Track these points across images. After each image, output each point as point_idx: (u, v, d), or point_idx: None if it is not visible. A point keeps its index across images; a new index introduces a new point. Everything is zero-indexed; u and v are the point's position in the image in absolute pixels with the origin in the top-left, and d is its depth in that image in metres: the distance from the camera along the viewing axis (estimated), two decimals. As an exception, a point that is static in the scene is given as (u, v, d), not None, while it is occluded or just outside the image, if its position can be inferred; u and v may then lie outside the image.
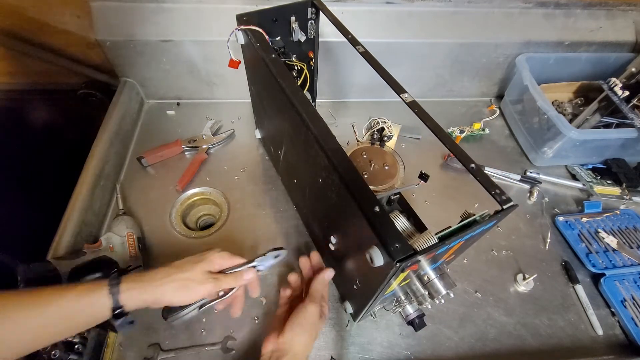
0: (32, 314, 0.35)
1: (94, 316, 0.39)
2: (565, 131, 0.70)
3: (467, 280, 0.64)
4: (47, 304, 0.36)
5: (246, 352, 0.55)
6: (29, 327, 0.35)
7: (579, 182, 0.78)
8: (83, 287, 0.38)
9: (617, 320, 0.61)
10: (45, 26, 0.79)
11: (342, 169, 0.39)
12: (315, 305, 0.50)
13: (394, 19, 0.79)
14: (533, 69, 0.81)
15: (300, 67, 0.63)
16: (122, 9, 0.72)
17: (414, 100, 0.42)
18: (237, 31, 0.55)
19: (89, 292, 0.38)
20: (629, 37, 0.86)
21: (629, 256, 0.67)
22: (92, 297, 0.38)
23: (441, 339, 0.58)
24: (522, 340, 0.59)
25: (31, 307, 0.35)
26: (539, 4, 0.81)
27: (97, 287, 0.39)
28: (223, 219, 0.69)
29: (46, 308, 0.36)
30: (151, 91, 0.87)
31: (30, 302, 0.36)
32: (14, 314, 0.35)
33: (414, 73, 0.88)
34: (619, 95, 0.74)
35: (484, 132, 0.87)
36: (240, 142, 0.83)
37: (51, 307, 0.36)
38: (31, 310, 0.35)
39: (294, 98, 0.45)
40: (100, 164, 0.69)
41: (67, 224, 0.60)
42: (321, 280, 0.54)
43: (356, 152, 0.79)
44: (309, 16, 0.62)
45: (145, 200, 0.71)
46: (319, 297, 0.51)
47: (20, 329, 0.35)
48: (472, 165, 0.38)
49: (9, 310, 0.35)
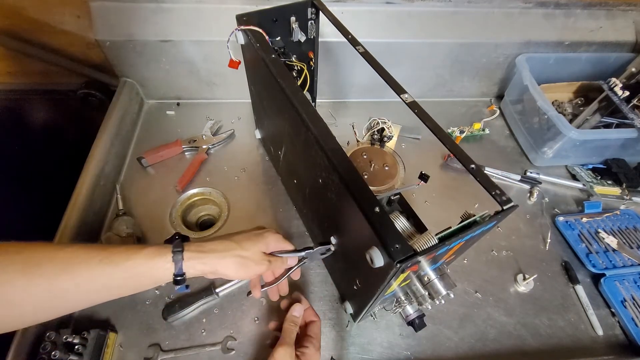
0: (100, 273, 0.36)
1: (155, 280, 0.40)
2: (565, 131, 0.70)
3: (467, 280, 0.64)
4: (115, 265, 0.37)
5: (246, 353, 0.55)
6: (95, 286, 0.36)
7: (579, 182, 0.78)
8: (148, 252, 0.39)
9: (617, 321, 0.61)
10: (45, 26, 0.79)
11: (342, 169, 0.39)
12: (285, 348, 0.45)
13: (394, 19, 0.79)
14: (533, 69, 0.81)
15: (300, 67, 0.63)
16: (122, 9, 0.72)
17: (414, 101, 0.42)
18: (237, 31, 0.55)
19: (154, 256, 0.39)
20: (629, 37, 0.86)
21: (629, 256, 0.67)
22: (157, 262, 0.39)
23: (441, 339, 0.58)
24: (522, 340, 0.59)
25: (101, 265, 0.36)
26: (539, 4, 0.81)
27: (161, 252, 0.40)
28: (223, 219, 0.69)
29: (114, 269, 0.37)
30: (151, 91, 0.87)
31: (99, 260, 0.36)
32: (83, 270, 0.35)
33: (414, 73, 0.87)
34: (619, 96, 0.74)
35: (484, 132, 0.87)
36: (240, 142, 0.83)
37: (118, 268, 0.37)
38: (99, 270, 0.36)
39: (294, 98, 0.45)
40: (100, 164, 0.69)
41: (67, 224, 0.60)
42: (290, 319, 0.49)
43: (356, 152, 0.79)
44: (309, 16, 0.61)
45: (145, 200, 0.71)
46: (289, 338, 0.47)
47: (86, 286, 0.36)
48: (472, 166, 0.38)
49: (78, 265, 0.35)
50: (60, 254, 0.35)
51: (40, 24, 0.78)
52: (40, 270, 0.34)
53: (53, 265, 0.34)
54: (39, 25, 0.78)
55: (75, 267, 0.35)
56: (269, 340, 0.50)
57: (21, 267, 0.33)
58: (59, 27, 0.79)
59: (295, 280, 0.62)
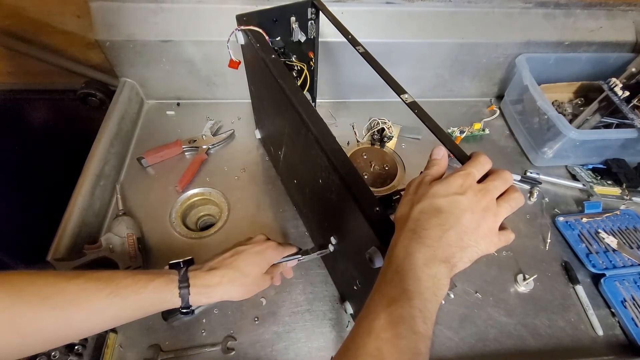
0: (108, 306, 0.38)
1: (162, 308, 0.43)
2: (565, 131, 0.70)
3: (467, 280, 0.64)
4: (123, 298, 0.39)
5: (246, 353, 0.55)
6: (104, 316, 0.39)
7: (579, 183, 0.78)
8: (156, 285, 0.41)
9: (617, 321, 0.61)
10: (45, 26, 0.79)
11: (342, 169, 0.39)
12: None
13: (394, 19, 0.78)
14: (533, 69, 0.81)
15: (300, 68, 0.63)
16: (122, 9, 0.72)
17: (414, 101, 0.42)
18: (237, 31, 0.55)
19: (162, 291, 0.42)
20: (629, 37, 0.86)
21: (629, 256, 0.67)
22: (165, 295, 0.42)
23: (441, 339, 0.58)
24: (522, 340, 0.59)
25: (109, 298, 0.38)
26: (539, 4, 0.81)
27: (169, 286, 0.42)
28: (223, 220, 0.69)
29: (123, 301, 0.39)
30: (151, 91, 0.86)
31: (108, 293, 0.38)
32: (92, 302, 0.38)
33: (414, 73, 0.87)
34: (619, 96, 0.73)
35: (484, 132, 0.87)
36: (240, 142, 0.82)
37: (127, 301, 0.39)
38: (108, 302, 0.38)
39: (294, 98, 0.45)
40: (100, 164, 0.69)
41: (67, 224, 0.60)
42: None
43: (356, 152, 0.79)
44: (309, 16, 0.61)
45: (145, 200, 0.71)
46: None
47: (95, 316, 0.38)
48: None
49: (87, 298, 0.37)
50: (70, 287, 0.37)
51: (40, 24, 0.78)
52: (51, 302, 0.35)
53: (63, 298, 0.36)
54: (39, 25, 0.78)
55: (84, 299, 0.37)
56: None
57: (32, 299, 0.35)
58: (59, 27, 0.79)
59: (295, 281, 0.62)
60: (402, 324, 0.28)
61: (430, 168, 0.35)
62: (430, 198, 0.32)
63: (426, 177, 0.34)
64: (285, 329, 0.58)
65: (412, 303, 0.28)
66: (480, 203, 0.31)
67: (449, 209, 0.30)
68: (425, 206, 0.32)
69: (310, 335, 0.57)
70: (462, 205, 0.30)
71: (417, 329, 0.27)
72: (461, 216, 0.30)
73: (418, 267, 0.29)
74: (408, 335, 0.27)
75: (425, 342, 0.28)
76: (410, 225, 0.32)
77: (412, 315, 0.28)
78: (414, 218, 0.32)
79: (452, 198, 0.31)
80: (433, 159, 0.36)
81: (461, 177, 0.32)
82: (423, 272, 0.29)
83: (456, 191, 0.31)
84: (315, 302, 0.60)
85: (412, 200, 0.33)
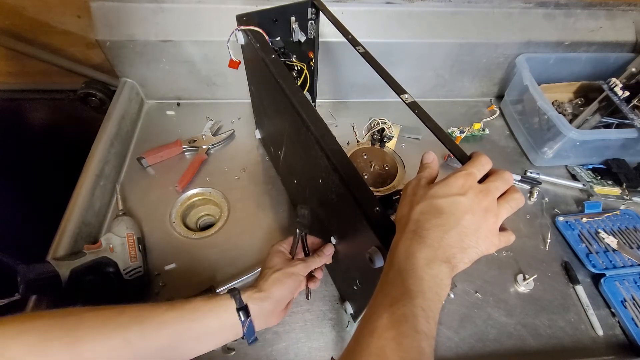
0: (192, 344, 0.41)
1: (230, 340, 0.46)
2: (565, 131, 0.70)
3: (467, 280, 0.64)
4: (197, 338, 0.41)
5: (246, 353, 0.55)
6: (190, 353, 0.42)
7: (579, 183, 0.78)
8: (223, 325, 0.43)
9: (617, 321, 0.61)
10: (45, 26, 0.79)
11: (342, 169, 0.39)
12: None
13: (394, 19, 0.79)
14: (533, 69, 0.81)
15: (300, 68, 0.63)
16: (122, 9, 0.72)
17: (414, 101, 0.42)
18: (237, 31, 0.55)
19: (229, 329, 0.44)
20: (629, 37, 0.86)
21: (629, 256, 0.67)
22: (231, 332, 0.44)
23: (441, 339, 0.58)
24: (522, 340, 0.59)
25: (193, 341, 0.41)
26: (539, 4, 0.81)
27: (234, 324, 0.44)
28: (223, 220, 0.69)
29: (197, 342, 0.42)
30: (151, 91, 0.86)
31: (190, 335, 0.41)
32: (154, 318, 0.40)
33: (414, 73, 0.87)
34: (619, 96, 0.74)
35: (484, 132, 0.87)
36: (240, 142, 0.82)
37: (201, 342, 0.42)
38: (192, 341, 0.41)
39: (294, 98, 0.45)
40: (100, 164, 0.69)
41: (66, 224, 0.60)
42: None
43: (356, 152, 0.79)
44: (309, 16, 0.61)
45: (145, 200, 0.71)
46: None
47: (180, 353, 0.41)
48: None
49: (179, 345, 0.40)
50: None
51: (40, 24, 0.78)
52: (114, 324, 0.38)
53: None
54: (39, 25, 0.78)
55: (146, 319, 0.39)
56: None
57: (95, 325, 0.37)
58: (59, 27, 0.79)
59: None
60: (405, 323, 0.28)
61: (424, 171, 0.36)
62: (430, 199, 0.32)
63: (422, 179, 0.35)
64: (285, 328, 0.58)
65: (415, 302, 0.28)
66: (481, 204, 0.31)
67: (449, 210, 0.31)
68: (426, 207, 0.32)
69: (310, 335, 0.57)
70: (463, 206, 0.30)
71: (420, 328, 0.27)
72: (462, 217, 0.30)
73: (420, 267, 0.29)
74: (411, 334, 0.27)
75: (429, 341, 0.28)
76: (411, 226, 0.32)
77: (414, 314, 0.28)
78: (414, 219, 0.32)
79: (452, 199, 0.31)
80: (425, 163, 0.37)
81: (462, 178, 0.32)
82: (425, 272, 0.29)
83: (457, 192, 0.31)
84: (315, 302, 0.60)
85: (411, 201, 0.33)
